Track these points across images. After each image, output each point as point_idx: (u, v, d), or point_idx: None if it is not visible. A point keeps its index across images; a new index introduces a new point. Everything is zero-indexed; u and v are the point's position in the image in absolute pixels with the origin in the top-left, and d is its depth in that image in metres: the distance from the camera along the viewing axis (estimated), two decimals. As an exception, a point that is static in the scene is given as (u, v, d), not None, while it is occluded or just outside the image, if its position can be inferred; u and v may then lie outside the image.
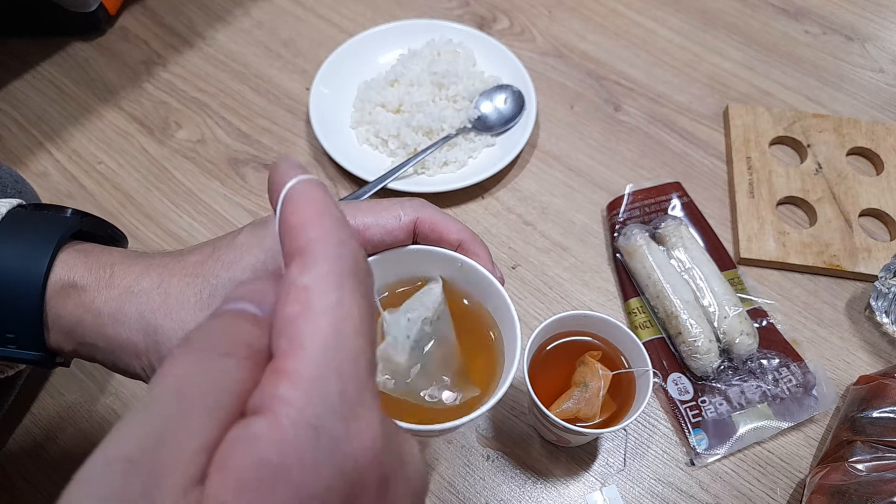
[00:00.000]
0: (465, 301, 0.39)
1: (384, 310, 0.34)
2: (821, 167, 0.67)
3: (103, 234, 0.41)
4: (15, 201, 0.36)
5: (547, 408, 0.46)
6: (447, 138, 0.66)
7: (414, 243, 0.37)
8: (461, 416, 0.32)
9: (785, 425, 0.52)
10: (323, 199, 0.21)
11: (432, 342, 0.35)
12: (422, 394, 0.34)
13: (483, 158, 0.67)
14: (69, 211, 0.38)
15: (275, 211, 0.22)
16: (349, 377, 0.19)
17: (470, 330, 0.38)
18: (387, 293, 0.38)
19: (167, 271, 0.34)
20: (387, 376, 0.33)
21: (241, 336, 0.20)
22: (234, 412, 0.18)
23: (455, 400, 0.34)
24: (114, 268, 0.34)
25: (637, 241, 0.58)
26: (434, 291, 0.36)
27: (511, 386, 0.36)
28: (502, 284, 0.37)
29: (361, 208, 0.36)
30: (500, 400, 0.33)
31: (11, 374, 0.40)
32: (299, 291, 0.19)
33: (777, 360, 0.55)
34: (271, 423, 0.17)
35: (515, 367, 0.34)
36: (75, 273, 0.34)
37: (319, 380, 0.18)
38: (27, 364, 0.35)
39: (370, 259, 0.36)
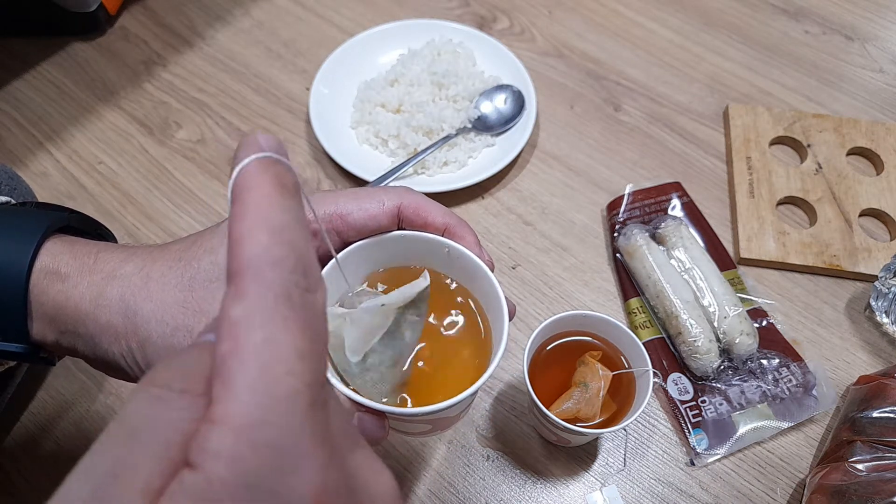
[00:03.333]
0: (453, 287, 0.38)
1: (343, 307, 0.33)
2: (821, 167, 0.67)
3: (93, 233, 0.41)
4: (3, 198, 0.37)
5: (547, 408, 0.46)
6: (447, 138, 0.66)
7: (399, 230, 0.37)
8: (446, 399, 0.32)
9: (785, 425, 0.52)
10: (267, 196, 0.19)
11: (390, 353, 0.34)
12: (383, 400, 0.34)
13: (483, 158, 0.67)
14: (58, 208, 0.38)
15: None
16: (282, 425, 0.17)
17: (461, 320, 0.37)
18: (366, 284, 0.38)
19: (150, 257, 0.34)
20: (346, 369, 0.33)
21: (200, 371, 0.18)
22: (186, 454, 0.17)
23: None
24: (98, 255, 0.34)
25: (637, 241, 0.58)
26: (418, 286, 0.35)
27: (511, 386, 0.35)
28: (492, 270, 0.36)
29: (344, 194, 0.35)
30: (483, 385, 0.33)
31: (1, 370, 0.40)
32: (231, 326, 0.17)
33: (777, 360, 0.55)
34: (202, 480, 0.16)
35: (501, 354, 0.33)
36: (59, 261, 0.34)
37: (249, 429, 0.16)
38: (10, 358, 0.35)
39: (353, 246, 0.36)
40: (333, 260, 0.34)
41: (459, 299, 0.38)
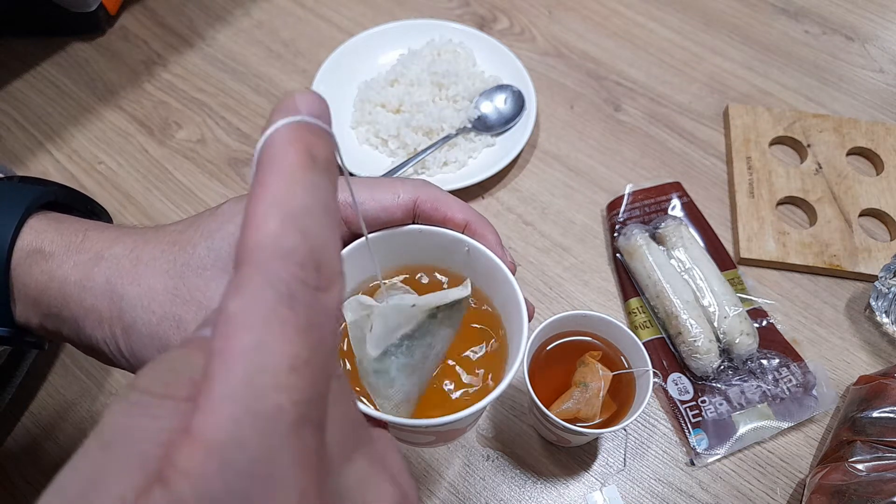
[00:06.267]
0: (474, 295, 0.35)
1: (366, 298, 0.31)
2: (821, 167, 0.67)
3: (83, 209, 0.39)
4: None
5: (547, 408, 0.46)
6: (447, 138, 0.66)
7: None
8: (454, 413, 0.29)
9: (785, 425, 0.52)
10: (290, 172, 0.17)
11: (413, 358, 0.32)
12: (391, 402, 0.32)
13: (483, 158, 0.67)
14: (45, 182, 0.36)
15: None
16: (258, 447, 0.15)
17: (476, 326, 0.35)
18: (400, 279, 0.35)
19: (143, 239, 0.32)
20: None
21: (187, 371, 0.17)
22: None
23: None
24: (86, 233, 0.32)
25: (637, 241, 0.58)
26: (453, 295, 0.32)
27: (511, 386, 0.34)
28: (513, 272, 0.33)
29: (357, 182, 0.33)
30: (498, 398, 0.31)
31: None
32: (226, 322, 0.15)
33: (777, 360, 0.55)
34: (169, 499, 0.14)
35: (517, 367, 0.31)
36: (44, 239, 0.32)
37: (221, 448, 0.14)
38: None
39: (361, 240, 0.33)
40: (362, 238, 0.31)
41: (475, 303, 0.36)
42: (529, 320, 0.32)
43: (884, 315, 0.58)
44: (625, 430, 0.53)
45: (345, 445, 0.19)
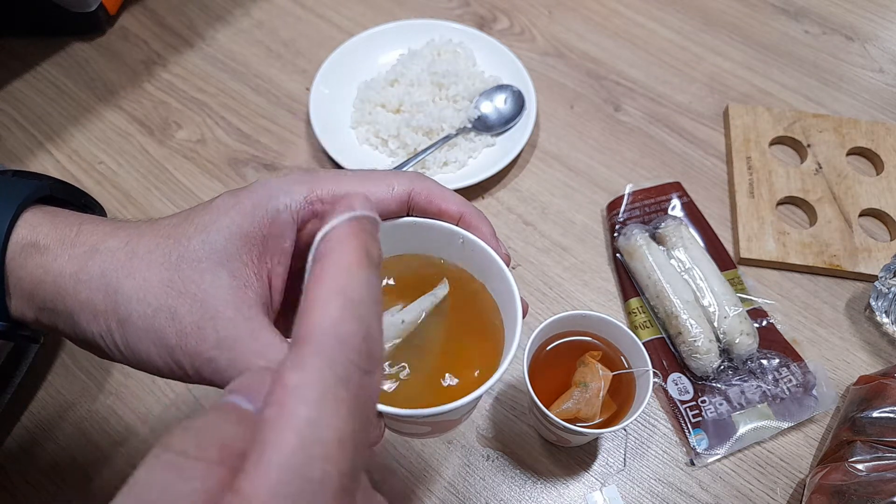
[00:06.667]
0: (467, 285, 0.36)
1: None
2: (821, 167, 0.67)
3: (77, 203, 0.39)
4: None
5: (547, 408, 0.46)
6: (447, 138, 0.66)
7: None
8: (450, 402, 0.30)
9: (785, 425, 0.52)
10: (350, 264, 0.18)
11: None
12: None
13: (483, 158, 0.67)
14: (39, 176, 0.36)
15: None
16: None
17: (469, 317, 0.35)
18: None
19: (138, 232, 0.32)
20: None
21: (217, 436, 0.17)
22: None
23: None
24: (81, 226, 0.32)
25: (637, 241, 0.58)
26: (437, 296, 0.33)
27: (511, 386, 0.34)
28: (507, 264, 0.34)
29: (349, 175, 0.33)
30: (492, 388, 0.31)
31: None
32: (283, 392, 0.17)
33: (777, 360, 0.55)
34: None
35: (510, 357, 0.31)
36: (39, 233, 0.32)
37: None
38: None
39: None
40: None
41: (469, 295, 0.36)
42: (523, 316, 0.33)
43: (884, 315, 0.58)
44: (625, 430, 0.53)
45: None
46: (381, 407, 0.30)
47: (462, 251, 0.35)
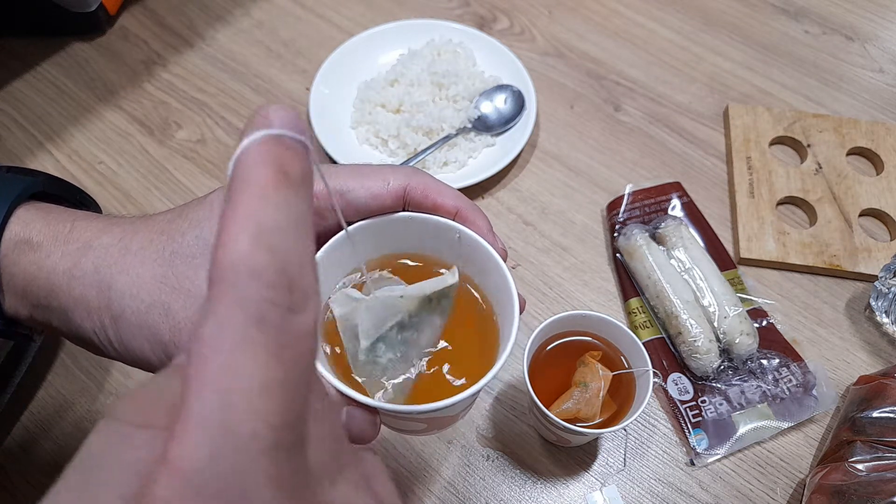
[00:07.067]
0: (463, 280, 0.35)
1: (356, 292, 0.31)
2: (821, 167, 0.67)
3: (72, 199, 0.38)
4: None
5: (547, 408, 0.46)
6: (447, 138, 0.66)
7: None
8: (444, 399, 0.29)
9: (785, 425, 0.52)
10: (261, 189, 0.16)
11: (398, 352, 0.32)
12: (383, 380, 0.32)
13: (483, 158, 0.67)
14: (33, 172, 0.35)
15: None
16: (232, 473, 0.14)
17: (466, 313, 0.35)
18: (388, 270, 0.35)
19: (131, 228, 0.32)
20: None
21: (167, 399, 0.16)
22: None
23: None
24: (74, 223, 0.32)
25: (637, 241, 0.58)
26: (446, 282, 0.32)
27: (511, 386, 0.34)
28: (504, 258, 0.33)
29: (345, 170, 0.32)
30: (490, 385, 0.31)
31: None
32: (199, 343, 0.15)
33: (777, 360, 0.55)
34: None
35: (507, 353, 0.31)
36: (32, 229, 0.32)
37: (195, 476, 0.14)
38: None
39: (353, 227, 0.32)
40: (343, 232, 0.31)
41: (466, 290, 0.36)
42: (521, 312, 0.32)
43: (884, 315, 0.58)
44: (625, 430, 0.53)
45: (329, 466, 0.19)
46: (375, 403, 0.29)
47: (458, 246, 0.34)
